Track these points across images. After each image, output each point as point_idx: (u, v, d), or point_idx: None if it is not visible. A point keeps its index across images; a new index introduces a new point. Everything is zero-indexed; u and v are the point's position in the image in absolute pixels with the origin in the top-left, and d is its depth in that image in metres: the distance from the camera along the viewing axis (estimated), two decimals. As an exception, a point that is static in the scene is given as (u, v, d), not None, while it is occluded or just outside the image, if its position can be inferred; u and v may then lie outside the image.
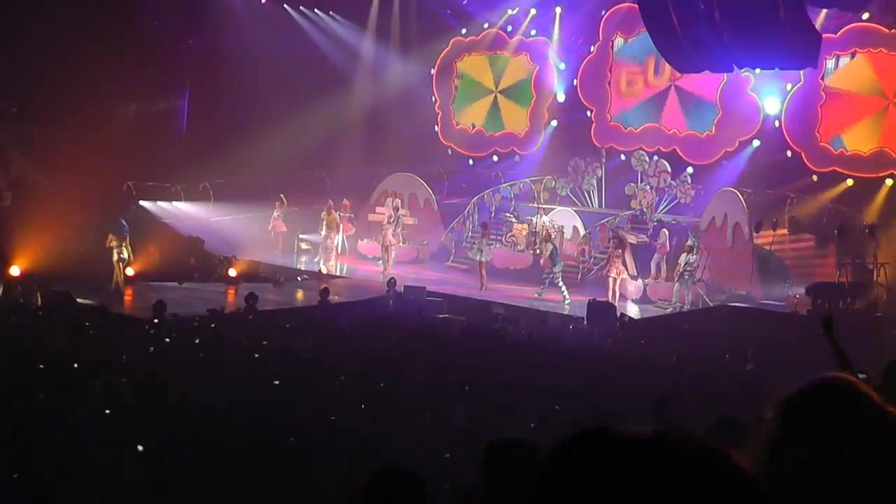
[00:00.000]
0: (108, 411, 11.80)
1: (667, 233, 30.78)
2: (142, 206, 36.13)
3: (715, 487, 1.47)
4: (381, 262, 34.00)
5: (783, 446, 1.94)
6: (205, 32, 40.90)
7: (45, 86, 33.98)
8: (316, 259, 34.28)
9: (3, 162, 34.65)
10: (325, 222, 34.97)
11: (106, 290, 26.70)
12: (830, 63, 31.52)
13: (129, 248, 27.50)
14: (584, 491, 1.47)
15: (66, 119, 34.62)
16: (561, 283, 29.59)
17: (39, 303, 22.45)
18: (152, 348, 16.85)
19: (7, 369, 13.66)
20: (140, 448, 10.26)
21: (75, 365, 14.50)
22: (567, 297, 29.37)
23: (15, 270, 26.02)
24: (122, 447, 10.41)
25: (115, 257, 27.30)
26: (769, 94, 32.76)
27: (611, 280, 29.32)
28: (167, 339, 17.60)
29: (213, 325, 20.54)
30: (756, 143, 33.23)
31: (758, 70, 29.42)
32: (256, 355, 16.63)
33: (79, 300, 22.88)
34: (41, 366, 14.15)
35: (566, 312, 28.16)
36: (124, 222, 28.14)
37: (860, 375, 8.34)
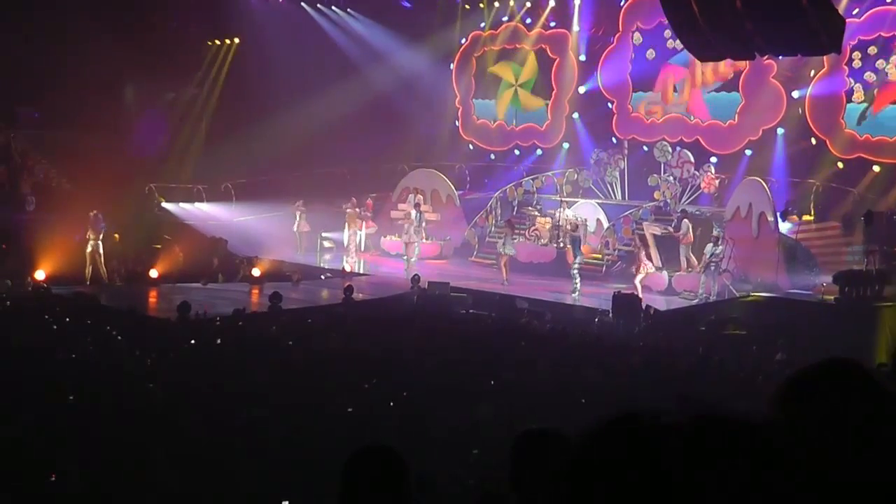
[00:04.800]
0: (137, 414, 11.83)
1: (689, 223, 30.51)
2: (164, 208, 36.23)
3: (754, 466, 1.45)
4: (404, 258, 33.87)
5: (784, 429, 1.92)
6: (224, 32, 41.03)
7: (67, 90, 34.11)
8: (346, 258, 34.36)
9: (26, 167, 34.82)
10: (347, 221, 35.10)
11: (96, 284, 27.24)
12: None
13: (102, 242, 28.24)
14: (614, 480, 1.46)
15: (88, 123, 34.74)
16: (575, 273, 29.54)
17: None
18: (178, 349, 16.91)
19: (33, 373, 13.72)
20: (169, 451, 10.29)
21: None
22: (577, 288, 29.31)
23: (40, 275, 26.14)
24: (153, 450, 10.45)
25: (90, 249, 27.88)
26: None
27: (636, 279, 29.17)
28: (192, 341, 17.65)
29: (239, 323, 20.63)
30: (780, 131, 33.06)
31: (780, 57, 29.26)
32: (282, 355, 16.65)
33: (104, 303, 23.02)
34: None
35: (571, 302, 28.23)
36: (100, 216, 28.44)
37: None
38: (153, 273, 29.05)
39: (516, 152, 39.85)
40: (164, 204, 36.39)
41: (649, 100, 36.08)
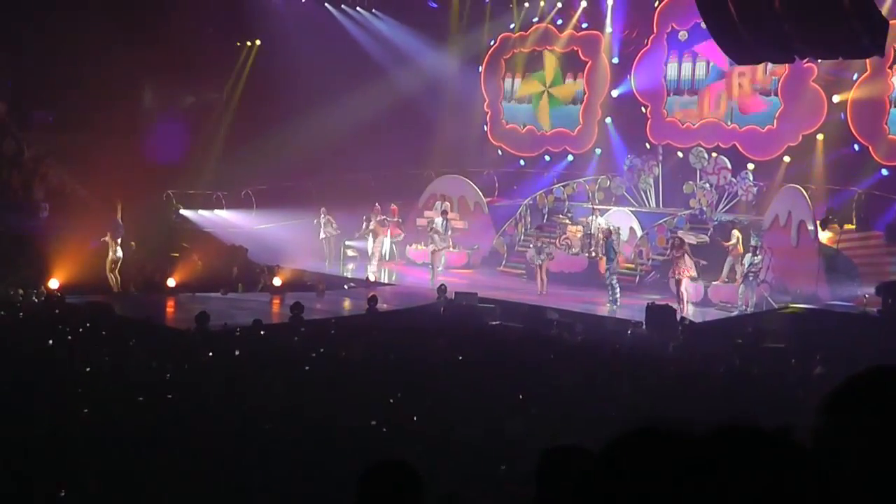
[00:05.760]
0: (154, 426, 11.88)
1: (738, 234, 30.22)
2: (182, 215, 36.31)
3: (780, 477, 1.46)
4: (430, 267, 33.75)
5: (828, 440, 1.91)
6: (245, 34, 41.13)
7: (83, 94, 34.27)
8: (370, 267, 34.26)
9: (39, 173, 34.95)
10: (370, 229, 35.04)
11: (111, 293, 27.42)
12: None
13: (122, 248, 28.61)
14: (637, 488, 1.46)
15: (105, 128, 34.86)
16: (615, 283, 29.42)
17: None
18: (196, 361, 16.95)
19: (45, 385, 13.79)
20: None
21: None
22: (616, 299, 29.20)
23: (53, 284, 26.23)
24: (169, 465, 10.48)
25: (110, 256, 28.15)
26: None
27: (674, 283, 28.92)
28: (210, 353, 17.71)
29: (261, 333, 20.67)
30: (821, 136, 32.88)
31: (821, 60, 29.15)
32: (303, 367, 16.68)
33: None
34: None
35: (612, 314, 28.18)
36: (120, 222, 28.65)
37: None
38: (170, 282, 29.14)
39: (547, 158, 39.78)
40: (182, 211, 36.47)
41: (684, 102, 36.02)
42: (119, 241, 28.62)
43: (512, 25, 40.34)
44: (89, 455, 10.74)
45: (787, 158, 33.42)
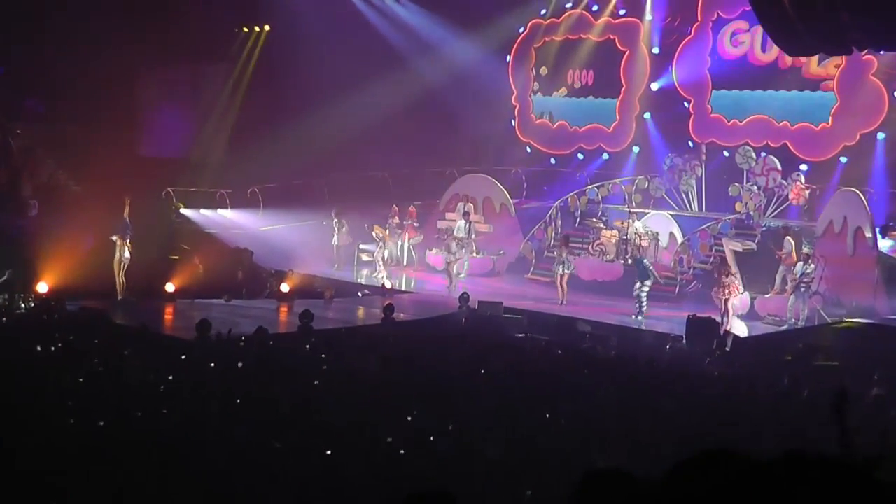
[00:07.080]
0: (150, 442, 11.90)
1: (792, 242, 29.92)
2: (183, 215, 36.34)
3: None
4: (446, 277, 33.50)
5: None
6: (254, 19, 41.16)
7: (77, 82, 34.34)
8: (375, 274, 34.14)
9: (28, 167, 35.03)
10: (385, 232, 34.92)
11: (113, 300, 27.43)
12: None
13: (130, 248, 28.52)
14: None
15: (100, 118, 34.95)
16: (643, 296, 29.37)
17: None
18: (195, 372, 16.97)
19: (31, 397, 13.82)
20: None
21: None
22: (643, 310, 29.20)
23: (42, 287, 26.25)
24: (168, 484, 10.50)
25: (117, 256, 28.18)
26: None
27: (723, 302, 28.67)
28: (212, 364, 17.72)
29: (270, 343, 20.66)
30: (881, 135, 32.74)
31: (881, 52, 29.05)
32: (312, 381, 16.68)
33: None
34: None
35: (638, 326, 28.15)
36: (127, 220, 28.69)
37: None
38: (169, 287, 29.15)
39: (580, 156, 39.74)
40: (182, 210, 36.51)
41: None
42: (128, 241, 28.64)
43: (543, 11, 40.28)
44: (79, 473, 10.75)
45: (843, 159, 33.29)
